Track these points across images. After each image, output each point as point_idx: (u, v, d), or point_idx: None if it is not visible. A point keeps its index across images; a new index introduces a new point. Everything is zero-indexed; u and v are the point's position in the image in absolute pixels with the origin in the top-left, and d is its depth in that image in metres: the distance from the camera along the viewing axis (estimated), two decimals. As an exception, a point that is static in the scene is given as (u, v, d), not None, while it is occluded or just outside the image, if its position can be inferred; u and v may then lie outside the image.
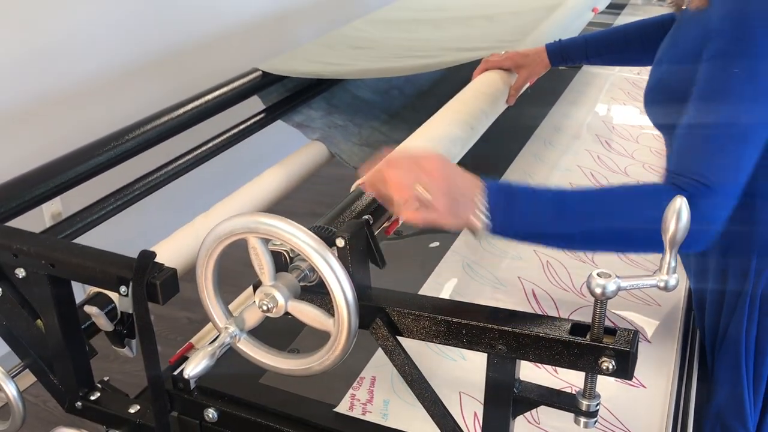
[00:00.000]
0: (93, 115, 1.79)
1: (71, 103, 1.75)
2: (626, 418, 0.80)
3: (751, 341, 0.87)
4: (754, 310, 0.86)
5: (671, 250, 0.59)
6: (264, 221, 0.63)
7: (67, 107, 1.75)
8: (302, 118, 1.48)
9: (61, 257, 0.80)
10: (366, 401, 0.83)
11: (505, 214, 0.71)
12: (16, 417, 0.89)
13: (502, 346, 0.65)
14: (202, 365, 0.65)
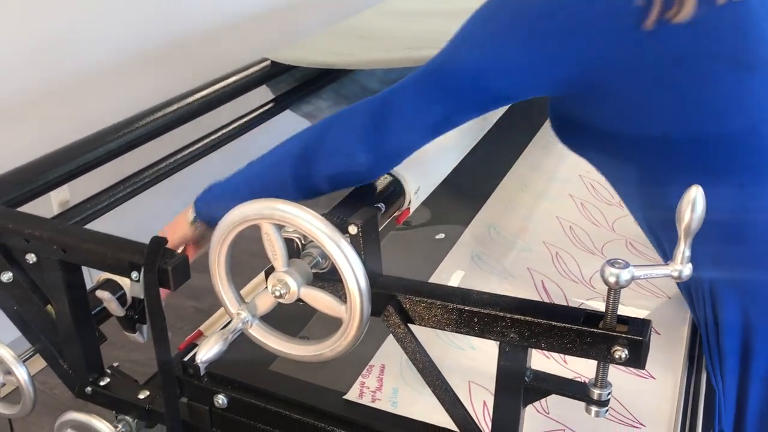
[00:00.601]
0: (102, 103, 1.79)
1: (80, 91, 1.75)
2: (635, 409, 0.80)
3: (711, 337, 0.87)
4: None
5: (686, 239, 0.59)
6: (278, 207, 0.63)
7: (76, 95, 1.75)
8: (311, 108, 1.48)
9: (72, 242, 0.80)
10: (375, 389, 0.83)
11: (210, 213, 0.83)
12: (26, 401, 0.89)
13: (514, 334, 0.65)
14: (215, 350, 0.66)
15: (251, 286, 1.01)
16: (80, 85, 1.75)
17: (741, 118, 0.76)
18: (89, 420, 0.87)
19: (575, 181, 1.31)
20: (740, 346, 0.83)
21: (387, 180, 0.82)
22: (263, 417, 0.81)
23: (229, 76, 1.37)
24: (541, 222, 1.17)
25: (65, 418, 0.90)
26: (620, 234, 1.14)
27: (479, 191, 1.28)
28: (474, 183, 1.31)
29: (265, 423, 0.82)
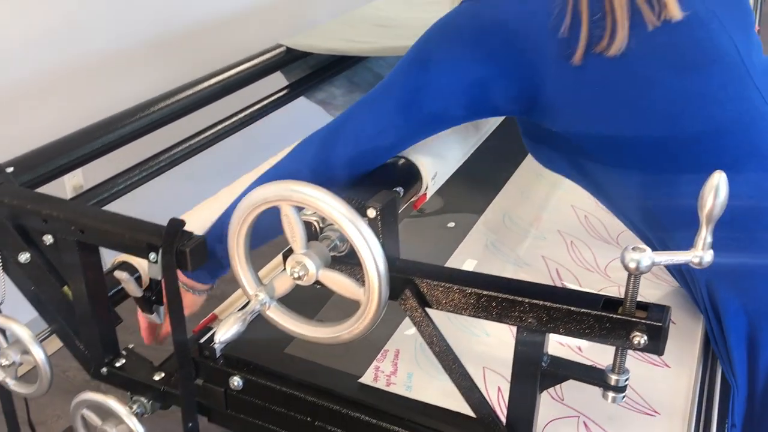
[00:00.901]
0: (116, 88, 1.80)
1: (94, 76, 1.76)
2: (650, 397, 0.80)
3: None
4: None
5: (707, 225, 0.59)
6: (298, 189, 0.63)
7: (90, 80, 1.75)
8: (324, 95, 1.48)
9: (90, 223, 0.81)
10: (390, 373, 0.83)
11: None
12: (43, 380, 0.90)
13: (532, 319, 0.65)
14: (233, 330, 0.66)
15: (268, 268, 1.02)
16: (96, 69, 1.76)
17: (701, 119, 0.76)
18: (105, 400, 0.88)
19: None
20: (746, 341, 0.83)
21: (405, 165, 0.82)
22: (278, 399, 0.82)
23: (244, 62, 1.37)
24: (556, 211, 1.17)
25: (81, 398, 0.91)
26: (635, 224, 1.13)
27: (493, 180, 1.28)
28: (488, 172, 1.31)
29: (279, 405, 0.82)
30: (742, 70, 0.78)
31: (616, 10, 0.71)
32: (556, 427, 0.77)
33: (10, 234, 0.88)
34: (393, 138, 0.79)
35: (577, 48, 0.71)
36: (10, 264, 0.90)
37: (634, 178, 0.81)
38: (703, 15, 0.76)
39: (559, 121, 0.79)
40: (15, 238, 0.88)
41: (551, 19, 0.71)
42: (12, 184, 0.90)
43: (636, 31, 0.72)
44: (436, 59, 0.75)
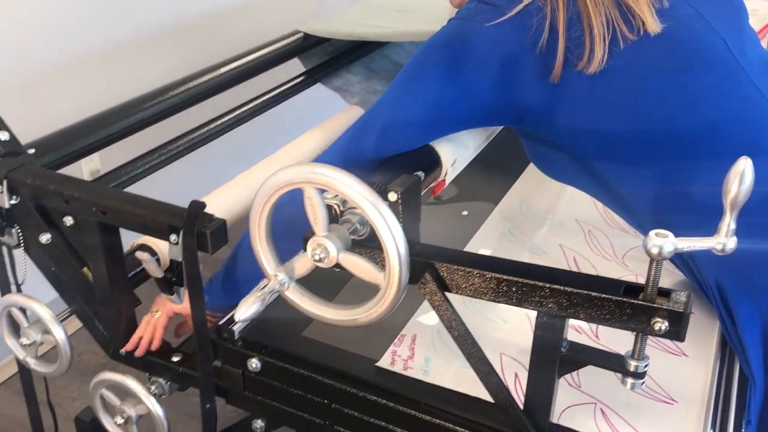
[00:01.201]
0: (134, 73, 1.80)
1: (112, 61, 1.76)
2: (667, 385, 0.80)
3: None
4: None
5: (732, 212, 0.59)
6: (321, 171, 0.63)
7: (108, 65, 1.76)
8: (341, 82, 1.48)
9: (112, 204, 0.81)
10: (407, 357, 0.84)
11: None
12: (63, 360, 0.91)
13: (552, 304, 0.65)
14: (253, 309, 0.66)
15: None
16: (114, 54, 1.76)
17: (696, 118, 0.76)
18: (124, 380, 0.89)
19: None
20: (761, 340, 0.82)
21: (425, 150, 0.82)
22: (296, 381, 0.82)
23: (262, 48, 1.37)
24: (573, 200, 1.17)
25: (100, 378, 0.92)
26: (653, 213, 1.13)
27: (508, 169, 1.28)
28: (503, 160, 1.30)
29: (297, 387, 0.83)
30: (735, 66, 0.78)
31: (594, 28, 0.72)
32: (572, 413, 0.77)
33: (31, 215, 0.89)
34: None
35: (554, 65, 0.73)
36: (32, 245, 0.91)
37: (629, 177, 0.81)
38: (687, 16, 0.77)
39: (552, 129, 0.80)
40: (36, 218, 0.89)
41: (529, 34, 0.73)
42: (34, 166, 0.91)
43: (616, 46, 0.73)
44: (424, 77, 0.78)
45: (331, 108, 1.45)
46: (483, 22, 0.74)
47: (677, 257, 0.91)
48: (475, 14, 0.75)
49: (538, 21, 0.73)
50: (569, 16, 0.73)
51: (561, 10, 0.72)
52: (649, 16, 0.74)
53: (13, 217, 0.89)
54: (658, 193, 0.81)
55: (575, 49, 0.73)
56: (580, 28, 0.73)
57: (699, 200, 0.79)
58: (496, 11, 0.74)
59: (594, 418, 0.76)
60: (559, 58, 0.73)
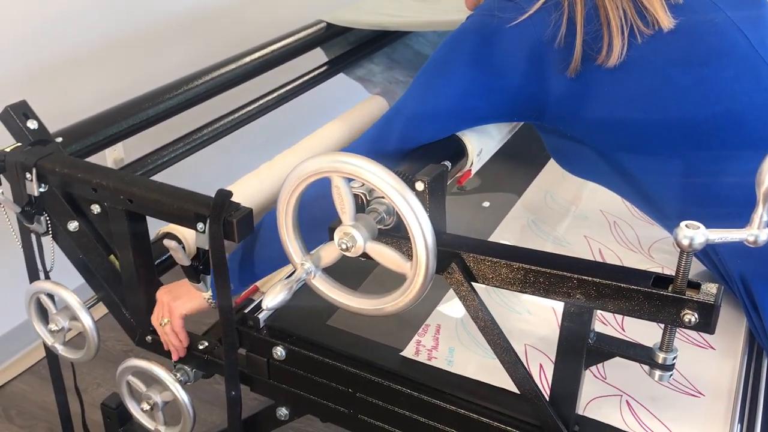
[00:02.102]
0: (158, 63, 1.81)
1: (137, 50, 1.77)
2: (695, 378, 0.79)
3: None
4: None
5: (765, 203, 0.58)
6: (349, 161, 0.63)
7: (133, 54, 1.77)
8: (363, 72, 1.48)
9: (139, 193, 0.82)
10: (432, 347, 0.84)
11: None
12: (91, 346, 0.92)
13: (580, 295, 0.64)
14: (280, 297, 0.66)
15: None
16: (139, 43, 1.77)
17: (718, 111, 0.76)
18: (150, 366, 0.90)
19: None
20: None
21: (451, 140, 0.82)
22: (320, 370, 0.83)
23: (285, 38, 1.37)
24: (598, 190, 1.15)
25: (126, 364, 0.93)
26: (679, 205, 1.12)
27: (531, 160, 1.27)
28: (527, 152, 1.29)
29: (322, 376, 0.83)
30: (756, 59, 0.78)
31: (611, 21, 0.72)
32: (598, 404, 0.76)
33: (59, 203, 0.90)
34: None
35: (572, 60, 0.73)
36: (60, 232, 0.92)
37: (652, 170, 0.81)
38: (705, 10, 0.76)
39: (572, 124, 0.80)
40: (64, 206, 0.90)
41: (548, 30, 0.73)
42: (62, 154, 0.92)
43: (634, 39, 0.73)
44: (447, 73, 0.78)
45: (354, 98, 1.45)
46: (504, 19, 0.75)
47: (700, 250, 0.90)
48: (496, 10, 0.75)
49: (556, 17, 0.73)
50: (587, 11, 0.73)
51: (579, 5, 0.73)
52: (662, 12, 0.74)
53: (42, 204, 0.91)
54: (682, 185, 0.81)
55: (594, 44, 0.73)
56: (597, 22, 0.73)
57: (724, 191, 0.78)
58: (516, 8, 0.74)
59: (620, 410, 0.76)
60: (577, 53, 0.73)
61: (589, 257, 0.99)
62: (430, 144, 0.79)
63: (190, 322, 0.92)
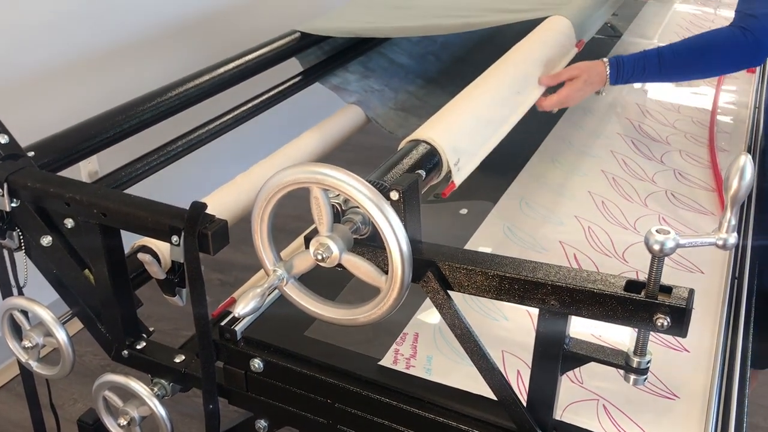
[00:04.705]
0: (131, 75, 1.80)
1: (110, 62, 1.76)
2: (669, 381, 0.80)
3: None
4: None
5: (732, 208, 0.59)
6: (324, 172, 0.63)
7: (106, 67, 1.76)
8: (339, 81, 1.48)
9: (113, 206, 0.81)
10: (410, 356, 0.84)
11: (619, 77, 1.17)
12: (66, 362, 0.91)
13: (554, 301, 0.65)
14: (252, 305, 0.66)
15: (289, 250, 1.02)
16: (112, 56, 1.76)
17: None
18: (127, 381, 0.89)
19: (607, 157, 1.30)
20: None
21: (425, 150, 0.82)
22: (299, 381, 0.82)
23: (259, 48, 1.37)
24: (573, 196, 1.17)
25: (103, 380, 0.92)
26: (653, 209, 1.13)
27: (506, 167, 1.28)
28: (501, 159, 1.30)
29: (300, 387, 0.83)
30: None
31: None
32: (575, 409, 0.77)
33: (32, 217, 0.89)
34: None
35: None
36: (33, 247, 0.91)
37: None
38: None
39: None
40: (37, 221, 0.89)
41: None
42: (34, 168, 0.91)
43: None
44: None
45: (330, 107, 1.45)
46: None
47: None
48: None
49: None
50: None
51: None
52: None
53: (14, 220, 0.89)
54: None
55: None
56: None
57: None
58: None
59: (597, 414, 0.76)
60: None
61: (565, 263, 1.00)
62: (403, 153, 0.79)
63: (167, 335, 0.91)
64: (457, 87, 1.06)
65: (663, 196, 1.17)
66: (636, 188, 1.19)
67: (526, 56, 1.12)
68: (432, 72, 1.62)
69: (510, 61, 1.11)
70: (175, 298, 0.81)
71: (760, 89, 1.60)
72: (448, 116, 0.92)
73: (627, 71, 1.17)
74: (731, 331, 0.89)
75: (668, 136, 1.38)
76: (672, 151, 1.33)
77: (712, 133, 1.37)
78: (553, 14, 1.27)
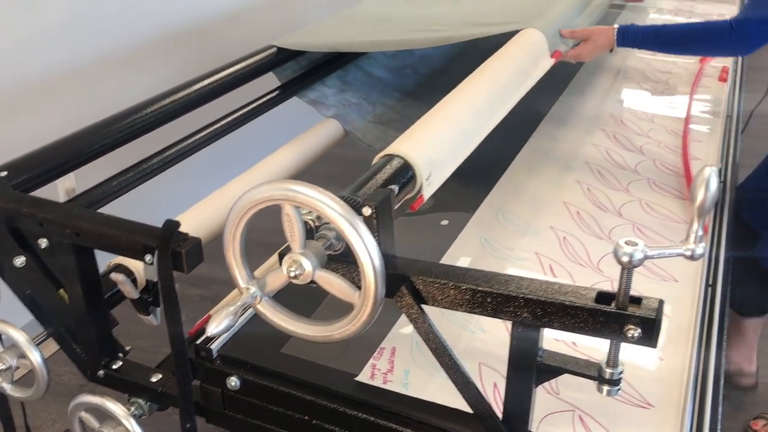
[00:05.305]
0: (107, 91, 1.79)
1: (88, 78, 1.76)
2: (645, 390, 0.81)
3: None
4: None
5: (699, 218, 0.60)
6: (298, 189, 0.63)
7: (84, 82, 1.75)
8: (317, 95, 1.48)
9: (86, 226, 0.81)
10: (387, 371, 0.84)
11: (624, 42, 1.38)
12: (40, 384, 0.90)
13: (527, 314, 0.65)
14: (224, 324, 0.66)
15: (263, 268, 1.02)
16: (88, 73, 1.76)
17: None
18: (102, 402, 0.88)
19: (582, 168, 1.31)
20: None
21: (399, 164, 0.82)
22: (275, 399, 0.82)
23: (236, 63, 1.37)
24: (549, 207, 1.18)
25: (78, 401, 0.91)
26: (628, 219, 1.14)
27: (485, 178, 1.29)
28: (480, 170, 1.31)
29: (277, 404, 0.82)
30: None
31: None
32: (551, 421, 0.77)
33: (5, 238, 0.88)
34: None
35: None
36: (6, 268, 0.90)
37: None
38: None
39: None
40: (10, 242, 0.88)
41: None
42: (6, 188, 0.90)
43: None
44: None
45: (307, 121, 1.45)
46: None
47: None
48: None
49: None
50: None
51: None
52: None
53: (-13, 240, 0.88)
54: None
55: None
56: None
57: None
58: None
59: (573, 425, 0.77)
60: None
61: (541, 273, 1.01)
62: (376, 168, 0.80)
63: (147, 353, 0.90)
64: (435, 100, 1.06)
65: (637, 206, 1.18)
66: (611, 198, 1.20)
67: (498, 69, 1.13)
68: (410, 85, 1.63)
69: (483, 75, 1.12)
70: (150, 317, 0.81)
71: (732, 99, 1.62)
72: (422, 130, 0.92)
73: (630, 39, 1.37)
74: (705, 339, 0.90)
75: (642, 146, 1.40)
76: (646, 160, 1.35)
77: (685, 142, 1.39)
78: (526, 27, 1.29)
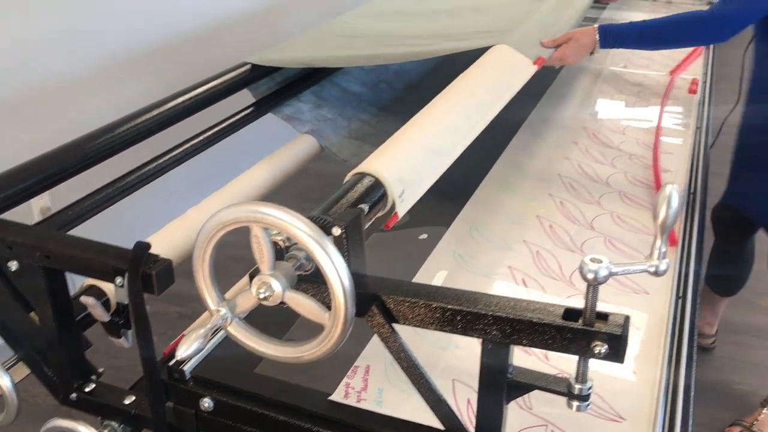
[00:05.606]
0: (82, 109, 1.79)
1: (61, 97, 1.75)
2: (616, 404, 0.82)
3: None
4: None
5: (662, 235, 0.61)
6: (265, 210, 0.63)
7: (57, 102, 1.74)
8: (292, 110, 1.49)
9: (56, 248, 0.80)
10: (361, 389, 0.84)
11: (606, 43, 1.42)
12: (11, 409, 0.89)
13: (496, 331, 0.66)
14: (194, 347, 0.66)
15: (235, 289, 1.02)
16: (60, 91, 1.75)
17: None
18: (75, 426, 0.87)
19: (554, 181, 1.33)
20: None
21: (370, 182, 0.83)
22: (249, 419, 0.82)
23: (210, 80, 1.37)
24: (522, 221, 1.19)
25: (50, 425, 0.90)
26: (600, 232, 1.16)
27: (460, 192, 1.30)
28: (454, 184, 1.32)
29: (251, 425, 0.82)
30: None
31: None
32: (525, 436, 0.78)
33: (-27, 261, 0.87)
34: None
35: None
36: (-25, 292, 0.89)
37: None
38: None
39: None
40: (-21, 265, 0.88)
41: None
42: (-25, 211, 0.90)
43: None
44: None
45: (282, 137, 1.45)
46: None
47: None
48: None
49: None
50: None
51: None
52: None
53: (-45, 264, 0.87)
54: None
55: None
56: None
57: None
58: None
59: (545, 440, 0.77)
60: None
61: (514, 287, 1.01)
62: (347, 187, 0.80)
63: (123, 371, 0.89)
64: (410, 114, 1.07)
65: (609, 219, 1.20)
66: (583, 211, 1.22)
67: (473, 83, 1.14)
68: (385, 100, 1.64)
69: (457, 89, 1.13)
70: (121, 339, 0.80)
71: (701, 110, 1.65)
72: (394, 147, 0.93)
73: (611, 38, 1.41)
74: (675, 351, 0.91)
75: (614, 159, 1.42)
76: (617, 173, 1.37)
77: (656, 155, 1.41)
78: (498, 42, 1.30)
